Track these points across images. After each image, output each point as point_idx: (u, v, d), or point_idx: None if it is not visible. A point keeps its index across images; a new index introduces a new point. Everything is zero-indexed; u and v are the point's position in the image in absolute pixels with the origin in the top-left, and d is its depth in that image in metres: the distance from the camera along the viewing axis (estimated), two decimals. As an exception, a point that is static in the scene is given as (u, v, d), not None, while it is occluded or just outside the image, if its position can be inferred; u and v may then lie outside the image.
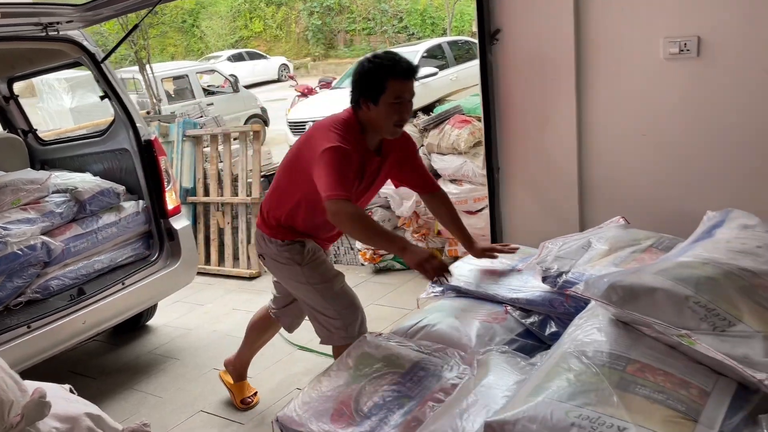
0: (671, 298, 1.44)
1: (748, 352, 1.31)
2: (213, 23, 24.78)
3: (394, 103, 2.16)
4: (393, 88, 2.15)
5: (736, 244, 1.77)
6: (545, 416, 1.34)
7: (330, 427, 1.82)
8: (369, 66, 2.18)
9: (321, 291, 2.40)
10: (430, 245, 4.08)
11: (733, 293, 1.44)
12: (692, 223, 2.42)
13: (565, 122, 2.70)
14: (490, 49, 2.80)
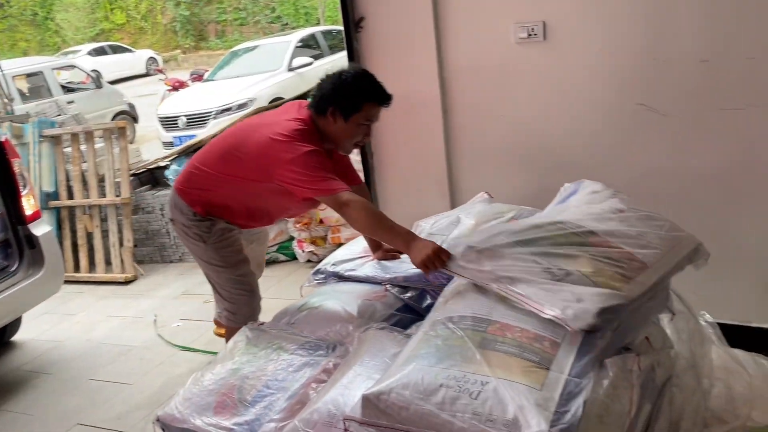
0: (513, 255, 1.60)
1: (579, 296, 1.48)
2: (69, 15, 23.03)
3: (363, 124, 2.18)
4: (368, 110, 2.16)
5: (584, 208, 1.97)
6: (417, 381, 1.43)
7: (213, 420, 1.81)
8: (351, 82, 2.15)
9: (220, 272, 2.42)
10: (313, 234, 4.10)
11: (571, 248, 1.62)
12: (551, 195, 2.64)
13: (430, 105, 2.81)
14: (356, 36, 2.85)
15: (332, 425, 1.56)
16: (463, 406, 1.36)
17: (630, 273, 1.59)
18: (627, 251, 1.65)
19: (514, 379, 1.38)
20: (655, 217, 1.85)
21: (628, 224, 1.77)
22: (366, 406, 1.46)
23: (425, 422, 1.38)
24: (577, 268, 1.57)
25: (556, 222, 1.76)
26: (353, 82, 2.15)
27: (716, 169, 2.35)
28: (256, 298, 2.50)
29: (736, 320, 2.44)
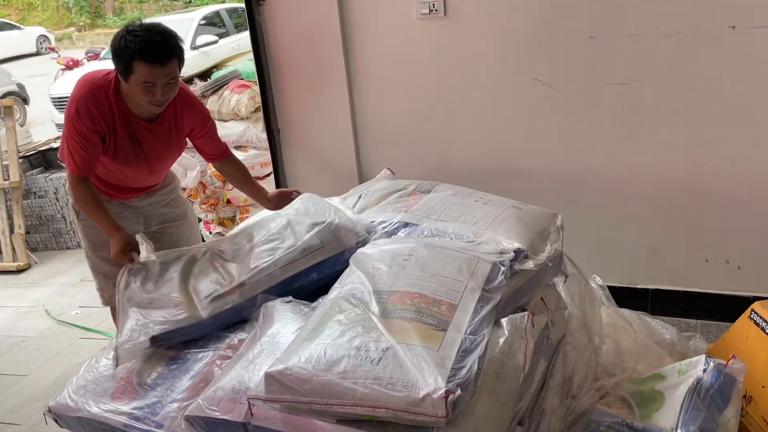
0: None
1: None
2: (-55, -13, 21.09)
3: (144, 84, 1.98)
4: (141, 71, 1.95)
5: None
6: (319, 355, 1.43)
7: (111, 406, 1.75)
8: (119, 43, 1.96)
9: (87, 248, 2.36)
10: (220, 215, 4.00)
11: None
12: (453, 169, 2.71)
13: (335, 81, 2.80)
14: (258, 10, 2.79)
15: (237, 401, 1.54)
16: (365, 372, 1.38)
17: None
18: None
19: (413, 342, 1.41)
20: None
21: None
22: (269, 383, 1.45)
23: (328, 392, 1.39)
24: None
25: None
26: (120, 43, 1.95)
27: (602, 138, 2.49)
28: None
29: (624, 282, 2.61)
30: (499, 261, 1.76)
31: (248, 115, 3.65)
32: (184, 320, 1.78)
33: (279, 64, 2.86)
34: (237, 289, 1.84)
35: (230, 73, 3.94)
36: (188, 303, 1.79)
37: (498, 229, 1.93)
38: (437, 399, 1.29)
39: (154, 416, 1.69)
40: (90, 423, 1.76)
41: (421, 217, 2.04)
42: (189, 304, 1.78)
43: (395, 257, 1.77)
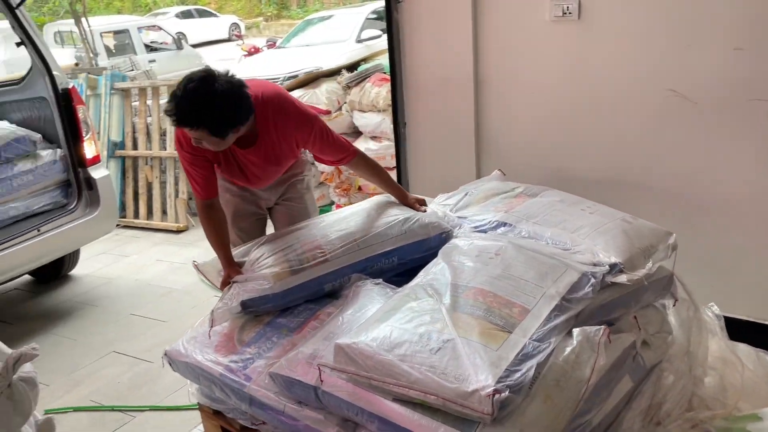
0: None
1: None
2: (162, -23, 23.90)
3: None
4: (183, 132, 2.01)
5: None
6: (385, 335, 1.52)
7: (213, 356, 1.96)
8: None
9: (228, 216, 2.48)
10: (352, 200, 4.21)
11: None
12: (568, 178, 2.63)
13: (463, 80, 2.83)
14: (396, 7, 2.90)
15: (311, 366, 1.67)
16: (422, 358, 1.44)
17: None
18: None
19: (473, 338, 1.45)
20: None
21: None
22: (338, 353, 1.57)
23: (386, 371, 1.47)
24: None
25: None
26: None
27: (741, 159, 2.29)
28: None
29: (748, 316, 2.38)
30: (591, 272, 1.72)
31: (385, 108, 3.80)
32: (270, 289, 1.94)
33: (411, 60, 2.95)
34: (320, 264, 1.97)
35: (374, 67, 4.11)
36: (275, 275, 1.95)
37: (597, 240, 1.88)
38: (484, 396, 1.32)
39: (245, 370, 1.87)
40: (194, 369, 1.99)
41: (520, 218, 2.03)
42: (276, 276, 1.94)
43: (481, 254, 1.80)
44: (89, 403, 2.64)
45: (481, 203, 2.22)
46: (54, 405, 2.60)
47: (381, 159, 3.92)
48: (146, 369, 2.86)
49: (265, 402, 1.76)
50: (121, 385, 2.75)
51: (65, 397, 2.70)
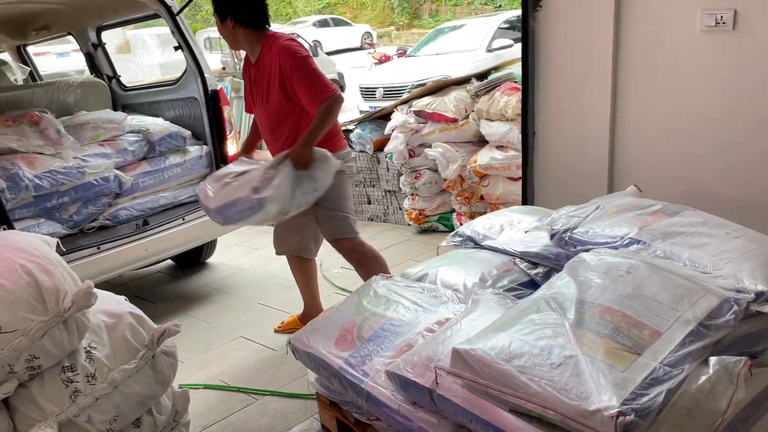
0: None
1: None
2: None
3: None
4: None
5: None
6: (504, 345, 1.51)
7: (333, 349, 2.04)
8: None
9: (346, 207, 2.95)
10: (473, 209, 4.20)
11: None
12: (709, 198, 2.46)
13: (600, 90, 2.74)
14: (533, 15, 2.87)
15: (428, 368, 1.70)
16: (542, 372, 1.41)
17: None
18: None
19: (599, 357, 1.40)
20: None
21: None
22: (455, 358, 1.58)
23: (504, 381, 1.45)
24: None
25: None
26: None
27: None
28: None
29: None
30: (734, 299, 1.60)
31: (514, 117, 3.75)
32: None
33: (545, 69, 2.90)
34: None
35: (505, 76, 4.07)
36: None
37: (743, 266, 1.74)
38: (607, 417, 1.27)
39: (363, 365, 1.93)
40: (315, 360, 2.08)
41: (656, 237, 1.93)
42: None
43: (611, 270, 1.73)
44: (218, 382, 2.83)
45: (612, 218, 2.14)
46: (187, 380, 2.82)
47: (506, 169, 3.88)
48: (270, 355, 3.03)
49: (381, 399, 1.80)
50: (246, 368, 2.93)
51: (197, 375, 2.91)
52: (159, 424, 2.00)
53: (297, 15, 24.44)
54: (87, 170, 3.35)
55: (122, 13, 4.04)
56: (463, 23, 11.05)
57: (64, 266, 1.89)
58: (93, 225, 3.43)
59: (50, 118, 3.46)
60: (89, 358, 1.82)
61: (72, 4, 3.95)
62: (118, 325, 1.96)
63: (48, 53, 12.64)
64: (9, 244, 1.87)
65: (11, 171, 3.09)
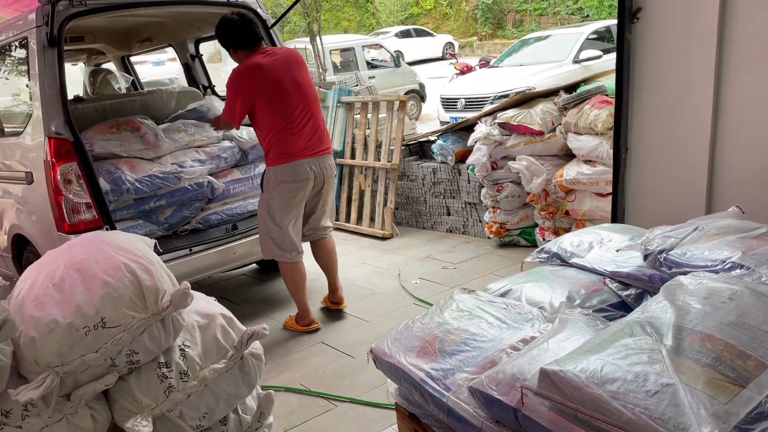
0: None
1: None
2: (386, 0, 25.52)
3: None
4: None
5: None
6: (595, 369, 1.45)
7: (415, 361, 2.04)
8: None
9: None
10: (557, 224, 4.10)
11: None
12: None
13: (700, 107, 2.62)
14: (629, 28, 2.78)
15: (513, 387, 1.66)
16: (637, 399, 1.35)
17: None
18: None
19: (699, 387, 1.33)
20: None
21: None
22: (542, 379, 1.54)
23: (594, 406, 1.40)
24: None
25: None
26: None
27: None
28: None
29: None
30: None
31: (604, 131, 3.64)
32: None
33: (641, 82, 2.80)
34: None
35: (595, 89, 3.96)
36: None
37: None
38: (708, 451, 1.20)
39: (445, 380, 1.92)
40: (396, 370, 2.08)
41: (762, 262, 1.82)
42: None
43: (712, 296, 1.65)
44: (298, 386, 2.90)
45: (712, 240, 2.03)
46: (269, 383, 2.90)
47: (594, 184, 3.77)
48: (349, 363, 3.07)
49: (463, 416, 1.78)
50: (326, 374, 2.98)
51: (278, 377, 2.99)
52: (244, 423, 2.07)
53: (380, 26, 24.80)
54: (183, 175, 3.52)
55: (220, 26, 4.22)
56: (549, 34, 10.87)
57: (162, 266, 1.99)
58: (186, 228, 3.60)
59: (150, 123, 3.67)
60: (183, 355, 1.90)
61: (174, 17, 4.18)
62: (210, 325, 2.04)
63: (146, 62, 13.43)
64: (113, 243, 1.99)
65: (114, 174, 3.30)
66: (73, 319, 1.71)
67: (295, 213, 3.36)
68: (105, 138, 3.47)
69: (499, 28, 23.36)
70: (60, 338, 1.69)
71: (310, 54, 10.77)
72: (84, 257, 1.88)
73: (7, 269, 3.91)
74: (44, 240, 3.19)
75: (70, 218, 3.01)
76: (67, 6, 3.10)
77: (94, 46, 5.16)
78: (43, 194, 3.07)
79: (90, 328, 1.71)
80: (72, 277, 1.81)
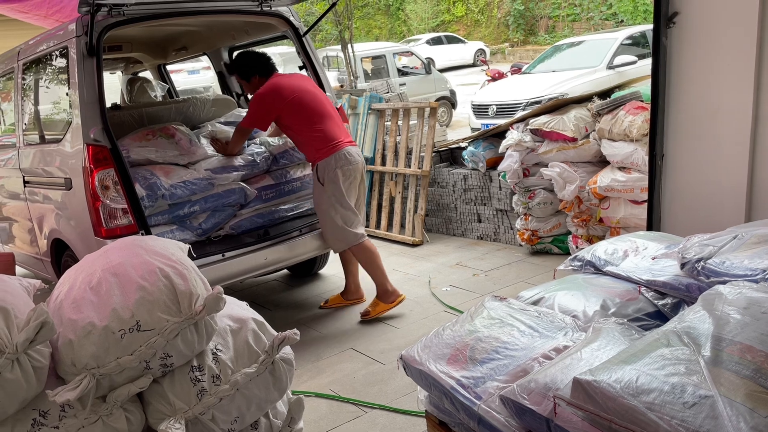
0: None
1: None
2: (417, 7, 25.56)
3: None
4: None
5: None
6: (630, 379, 1.43)
7: (445, 368, 2.03)
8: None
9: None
10: (590, 232, 4.04)
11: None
12: None
13: (739, 112, 2.56)
14: (666, 32, 2.73)
15: (545, 397, 1.64)
16: (674, 411, 1.32)
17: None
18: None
19: (738, 399, 1.29)
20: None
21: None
22: (576, 389, 1.51)
23: (629, 417, 1.38)
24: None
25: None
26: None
27: None
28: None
29: None
30: None
31: (639, 138, 3.58)
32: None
33: (677, 88, 2.75)
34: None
35: (630, 94, 3.90)
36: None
37: None
38: (749, 466, 1.17)
39: (476, 388, 1.90)
40: (426, 377, 2.08)
41: (804, 272, 1.76)
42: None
43: (752, 305, 1.60)
44: (328, 391, 2.90)
45: (752, 249, 1.98)
46: (299, 388, 2.91)
47: (629, 191, 3.70)
48: (379, 369, 3.06)
49: (494, 425, 1.77)
50: (356, 380, 2.98)
51: (309, 383, 3.00)
52: (275, 428, 2.08)
53: (411, 33, 24.86)
54: (216, 181, 3.57)
55: (254, 35, 4.29)
56: (583, 39, 10.74)
57: (196, 271, 2.02)
58: (219, 233, 3.64)
59: (184, 130, 3.73)
60: (215, 359, 1.92)
61: (209, 26, 4.26)
62: (242, 329, 2.06)
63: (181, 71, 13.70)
64: (149, 248, 2.02)
65: (150, 180, 3.36)
66: (110, 322, 1.74)
67: (355, 195, 3.69)
68: (141, 144, 3.53)
69: (531, 34, 23.19)
70: (96, 341, 1.72)
71: (342, 61, 10.84)
72: (120, 261, 1.91)
73: (47, 273, 4.01)
74: (82, 244, 3.27)
75: (107, 223, 3.08)
76: (105, 16, 3.18)
77: (131, 55, 5.28)
78: (81, 200, 3.15)
79: (125, 331, 1.74)
80: (108, 281, 1.85)
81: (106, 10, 3.15)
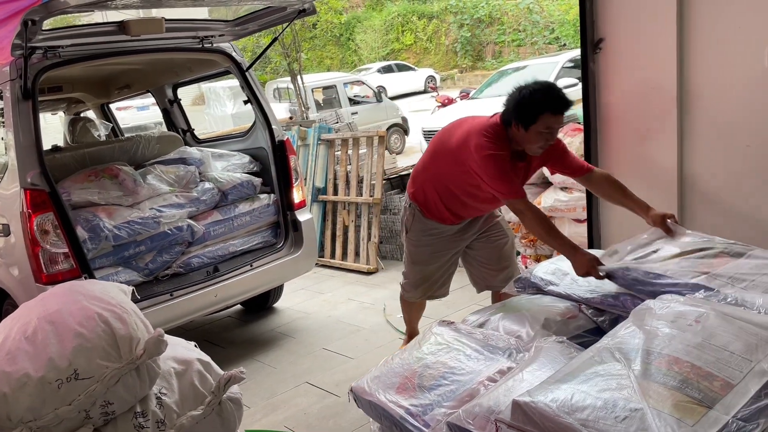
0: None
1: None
2: (367, 36, 25.92)
3: (542, 132, 2.41)
4: (544, 120, 2.38)
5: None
6: (566, 398, 1.46)
7: (394, 398, 2.04)
8: (526, 97, 2.41)
9: (407, 256, 3.11)
10: (538, 252, 4.13)
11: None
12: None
13: (666, 134, 2.69)
14: (593, 58, 2.86)
15: (488, 420, 1.66)
16: (606, 426, 1.36)
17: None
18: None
19: (666, 411, 1.34)
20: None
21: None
22: (515, 411, 1.54)
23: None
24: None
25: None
26: (529, 97, 2.39)
27: None
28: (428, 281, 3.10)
29: None
30: (816, 350, 1.50)
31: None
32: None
33: (607, 111, 2.87)
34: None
35: (568, 117, 4.03)
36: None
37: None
38: (677, 475, 1.21)
39: (425, 415, 1.91)
40: (376, 408, 2.08)
41: (724, 283, 1.86)
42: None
43: (678, 319, 1.67)
44: (283, 428, 2.86)
45: (675, 260, 2.06)
46: (253, 427, 2.87)
47: (571, 211, 3.81)
48: (334, 402, 3.04)
49: (442, 451, 1.78)
50: (310, 415, 2.95)
51: (263, 421, 2.95)
52: (225, 470, 2.03)
53: (362, 62, 25.16)
54: (162, 220, 3.52)
55: (197, 71, 4.29)
56: (526, 64, 11.08)
57: (138, 314, 1.98)
58: (167, 272, 3.58)
59: (128, 170, 3.67)
60: (159, 404, 1.88)
61: (151, 64, 4.24)
62: (186, 371, 2.02)
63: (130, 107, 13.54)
64: (88, 293, 1.98)
65: (93, 222, 3.30)
66: (46, 373, 1.69)
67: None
68: (83, 186, 3.47)
69: (479, 60, 23.77)
70: (32, 392, 1.67)
71: (292, 93, 10.89)
72: (57, 308, 1.87)
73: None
74: (22, 292, 3.16)
75: (47, 269, 3.00)
76: (41, 58, 3.14)
77: (72, 95, 5.20)
78: (20, 246, 3.06)
79: (63, 381, 1.70)
80: (44, 329, 1.80)
81: (41, 52, 3.11)
